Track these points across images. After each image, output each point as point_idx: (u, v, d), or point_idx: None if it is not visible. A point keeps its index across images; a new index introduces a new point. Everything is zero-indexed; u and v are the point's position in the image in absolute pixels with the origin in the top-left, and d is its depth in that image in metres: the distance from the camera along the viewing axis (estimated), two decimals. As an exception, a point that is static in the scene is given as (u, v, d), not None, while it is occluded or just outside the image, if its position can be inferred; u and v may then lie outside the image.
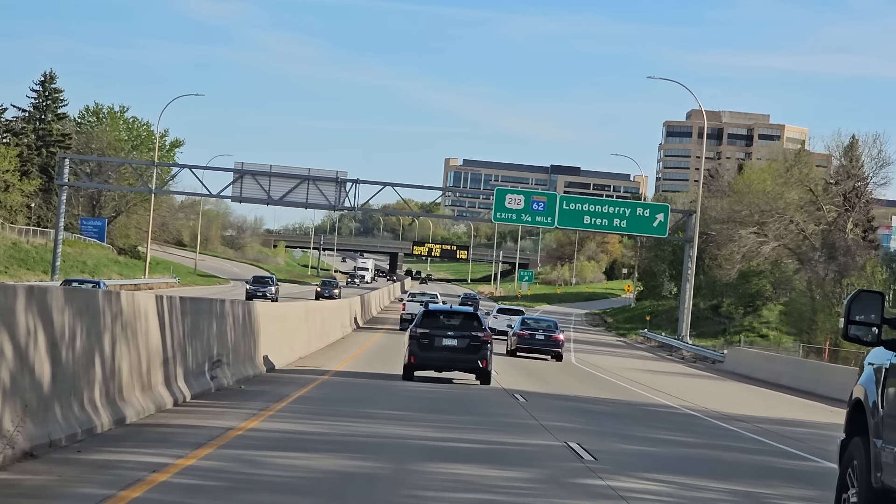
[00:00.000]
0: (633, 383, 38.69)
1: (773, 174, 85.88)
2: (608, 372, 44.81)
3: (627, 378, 41.60)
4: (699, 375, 50.56)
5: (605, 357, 58.97)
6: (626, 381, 39.88)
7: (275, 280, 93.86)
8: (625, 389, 34.98)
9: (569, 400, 28.23)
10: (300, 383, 25.35)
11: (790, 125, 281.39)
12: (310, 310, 41.83)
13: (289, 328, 34.41)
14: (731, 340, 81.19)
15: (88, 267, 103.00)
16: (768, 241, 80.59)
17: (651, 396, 32.96)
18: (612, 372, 45.06)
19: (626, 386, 37.02)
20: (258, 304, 28.58)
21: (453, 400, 24.83)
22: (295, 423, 17.41)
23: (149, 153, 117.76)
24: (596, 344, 74.51)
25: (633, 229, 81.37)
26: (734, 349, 61.49)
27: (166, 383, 17.88)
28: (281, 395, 21.90)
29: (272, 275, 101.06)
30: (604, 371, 45.36)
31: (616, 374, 43.50)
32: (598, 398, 29.70)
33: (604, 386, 35.94)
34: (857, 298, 9.67)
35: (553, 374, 40.39)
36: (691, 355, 67.32)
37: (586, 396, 29.92)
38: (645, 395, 33.05)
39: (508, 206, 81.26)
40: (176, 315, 18.64)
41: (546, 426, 19.98)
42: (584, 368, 46.55)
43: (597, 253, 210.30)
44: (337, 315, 54.15)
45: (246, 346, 26.06)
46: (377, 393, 24.62)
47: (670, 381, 43.26)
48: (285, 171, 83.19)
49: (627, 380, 40.51)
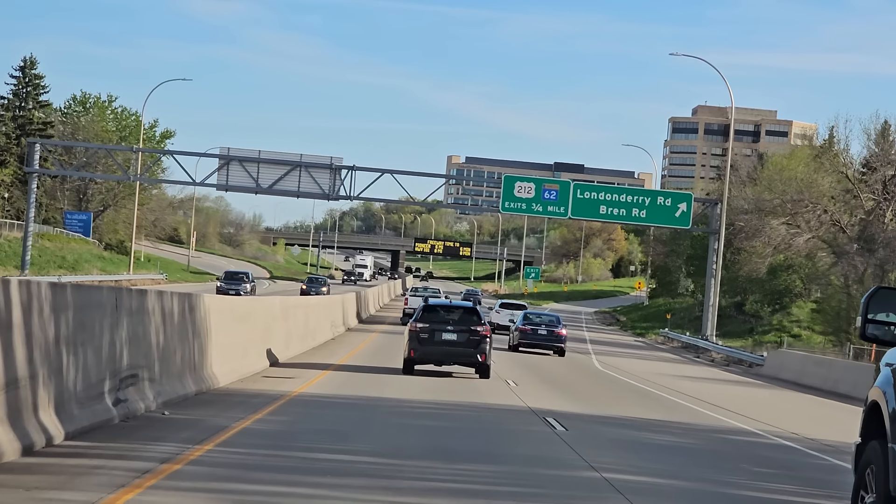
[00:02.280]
0: (676, 394, 32.00)
1: (805, 160, 79.01)
2: (641, 379, 38.11)
3: (666, 387, 34.90)
4: (744, 382, 43.74)
5: (630, 360, 52.29)
6: (667, 391, 33.21)
7: (251, 276, 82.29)
8: (675, 405, 28.25)
9: (617, 424, 21.46)
10: (254, 406, 18.65)
11: (798, 121, 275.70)
12: (290, 306, 35.07)
13: (257, 329, 27.70)
14: (760, 341, 74.44)
15: (68, 262, 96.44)
16: (801, 232, 73.66)
17: (711, 414, 26.18)
18: (646, 379, 38.35)
19: (672, 398, 30.34)
20: (209, 297, 21.93)
21: (466, 432, 18.14)
22: (200, 497, 10.67)
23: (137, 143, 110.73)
24: (615, 345, 67.80)
25: (653, 220, 74.71)
26: (776, 352, 54.65)
27: (11, 418, 11.23)
28: (215, 427, 15.22)
29: (248, 271, 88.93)
30: (636, 378, 38.67)
31: (651, 382, 36.79)
32: (651, 421, 22.91)
33: (648, 401, 29.16)
34: (876, 295, 9.52)
35: (581, 383, 33.74)
36: (722, 357, 60.61)
37: (636, 419, 23.10)
38: (704, 414, 26.23)
39: (518, 194, 74.65)
40: (42, 310, 11.99)
41: (617, 485, 13.24)
42: (613, 374, 39.87)
43: (603, 250, 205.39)
44: (327, 313, 47.45)
45: (185, 353, 19.39)
46: (357, 422, 17.97)
47: (717, 390, 36.50)
48: (275, 158, 76.48)
49: (667, 389, 33.83)
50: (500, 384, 29.17)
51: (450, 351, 29.60)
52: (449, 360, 29.81)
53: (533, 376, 34.08)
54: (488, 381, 29.32)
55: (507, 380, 30.48)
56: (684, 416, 25.05)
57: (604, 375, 39.08)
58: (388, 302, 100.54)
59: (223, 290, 74.33)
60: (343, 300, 56.31)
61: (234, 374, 23.29)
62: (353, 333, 51.64)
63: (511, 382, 29.69)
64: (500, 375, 32.14)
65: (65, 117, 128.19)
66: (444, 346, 29.51)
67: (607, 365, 45.80)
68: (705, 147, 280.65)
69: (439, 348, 29.52)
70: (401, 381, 27.48)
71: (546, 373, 36.63)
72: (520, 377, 32.27)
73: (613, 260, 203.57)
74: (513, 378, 31.21)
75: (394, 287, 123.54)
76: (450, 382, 28.28)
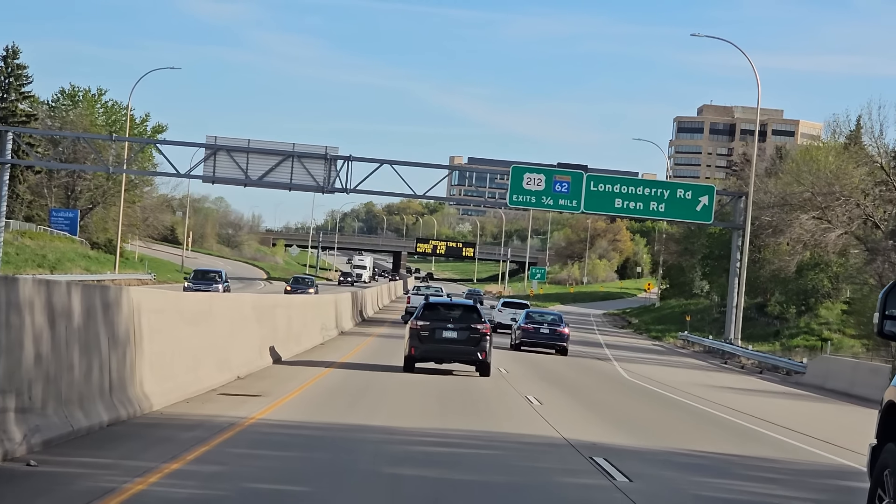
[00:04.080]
0: (731, 412, 26.45)
1: (836, 150, 73.37)
2: (678, 391, 32.58)
3: (712, 402, 29.33)
4: (795, 395, 38.01)
5: (655, 367, 46.77)
6: (715, 406, 27.69)
7: (224, 276, 72.89)
8: (743, 431, 22.60)
9: (691, 467, 15.73)
10: (182, 444, 13.09)
11: (805, 120, 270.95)
12: (266, 306, 29.48)
13: (217, 333, 22.14)
14: (788, 345, 68.83)
15: (48, 261, 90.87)
16: (832, 227, 68.00)
17: (798, 444, 20.29)
18: (683, 391, 32.83)
19: (730, 419, 24.77)
20: (140, 292, 16.45)
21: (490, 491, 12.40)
22: None
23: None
24: (633, 349, 62.24)
25: (672, 214, 69.09)
26: (820, 358, 48.91)
27: None
28: (92, 493, 9.65)
29: (221, 269, 78.55)
30: (671, 389, 33.15)
31: (691, 395, 31.24)
32: (732, 459, 17.10)
33: (706, 423, 23.51)
34: (894, 291, 9.12)
35: (613, 398, 28.23)
36: (753, 364, 55.07)
37: (709, 455, 17.30)
38: (789, 444, 20.31)
39: (526, 186, 69.07)
40: None
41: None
42: (644, 385, 34.34)
43: (608, 251, 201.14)
44: (316, 314, 41.92)
45: (93, 367, 13.88)
46: (325, 473, 12.31)
47: (774, 406, 30.88)
48: (266, 147, 70.90)
49: (715, 405, 28.27)
50: (519, 401, 23.74)
51: (450, 349, 29.49)
52: (449, 357, 29.76)
53: (554, 388, 28.62)
54: (506, 399, 23.98)
55: (527, 396, 24.99)
56: (767, 448, 19.26)
57: (634, 387, 33.56)
58: (389, 303, 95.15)
59: (191, 291, 67.18)
60: (336, 301, 50.77)
61: (176, 393, 17.81)
62: (346, 337, 46.19)
63: (533, 400, 24.18)
64: (515, 388, 26.74)
65: (52, 111, 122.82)
66: (444, 343, 29.39)
67: (634, 373, 40.30)
68: (710, 147, 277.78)
69: (440, 346, 29.40)
70: (395, 398, 22.05)
71: (569, 384, 31.15)
72: (541, 391, 26.78)
73: (619, 261, 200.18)
74: (534, 394, 25.68)
75: (394, 288, 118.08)
76: (457, 398, 22.86)
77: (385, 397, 22.11)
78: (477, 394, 24.58)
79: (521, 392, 25.80)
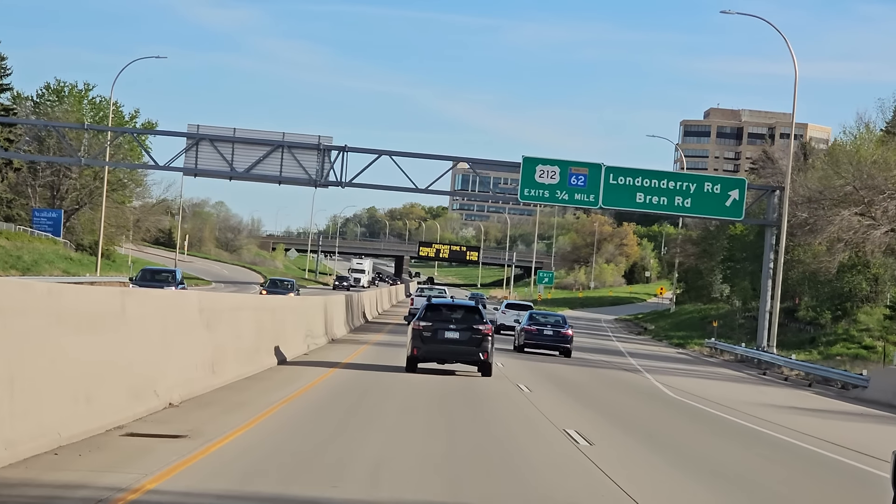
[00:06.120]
0: (822, 444, 20.19)
1: (877, 141, 66.97)
2: (736, 412, 26.29)
3: (788, 428, 23.05)
4: (874, 416, 31.58)
5: (693, 380, 40.43)
6: (795, 434, 21.45)
7: (179, 276, 59.44)
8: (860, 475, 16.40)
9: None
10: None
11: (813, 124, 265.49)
12: (224, 308, 22.98)
13: (133, 345, 15.69)
14: (827, 353, 62.43)
15: (23, 262, 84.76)
16: (877, 223, 61.58)
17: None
18: (741, 411, 26.56)
19: (831, 454, 18.52)
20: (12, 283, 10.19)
21: None
22: None
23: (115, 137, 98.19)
24: (658, 358, 55.87)
25: (699, 210, 62.91)
26: (885, 370, 42.50)
27: None
28: None
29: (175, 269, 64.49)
30: (726, 410, 26.86)
31: (763, 420, 24.93)
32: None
33: (808, 465, 17.26)
34: None
35: (668, 426, 21.92)
36: (798, 375, 48.74)
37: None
38: None
39: (539, 179, 63.06)
40: None
41: None
42: (692, 404, 28.02)
43: (615, 255, 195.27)
44: (299, 319, 35.57)
45: None
46: None
47: (867, 434, 24.56)
48: (253, 137, 64.68)
49: (794, 433, 22.02)
50: (556, 436, 17.55)
51: (452, 349, 29.59)
52: (451, 358, 29.88)
53: (593, 412, 22.42)
54: (535, 436, 17.64)
55: (565, 430, 18.46)
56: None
57: (683, 407, 27.23)
58: (389, 308, 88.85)
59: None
60: (326, 304, 44.36)
61: (47, 439, 11.50)
62: (337, 346, 39.89)
63: (575, 435, 17.73)
64: (548, 416, 20.47)
65: (37, 107, 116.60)
66: (446, 344, 29.50)
67: (673, 388, 33.99)
68: (717, 150, 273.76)
69: (442, 346, 29.51)
70: (383, 439, 15.74)
71: (608, 407, 24.86)
72: (579, 420, 20.44)
73: (626, 265, 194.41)
74: (571, 424, 19.22)
75: (395, 292, 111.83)
76: (465, 438, 16.60)
77: (367, 439, 15.78)
78: (490, 432, 18.27)
79: (558, 424, 19.40)
